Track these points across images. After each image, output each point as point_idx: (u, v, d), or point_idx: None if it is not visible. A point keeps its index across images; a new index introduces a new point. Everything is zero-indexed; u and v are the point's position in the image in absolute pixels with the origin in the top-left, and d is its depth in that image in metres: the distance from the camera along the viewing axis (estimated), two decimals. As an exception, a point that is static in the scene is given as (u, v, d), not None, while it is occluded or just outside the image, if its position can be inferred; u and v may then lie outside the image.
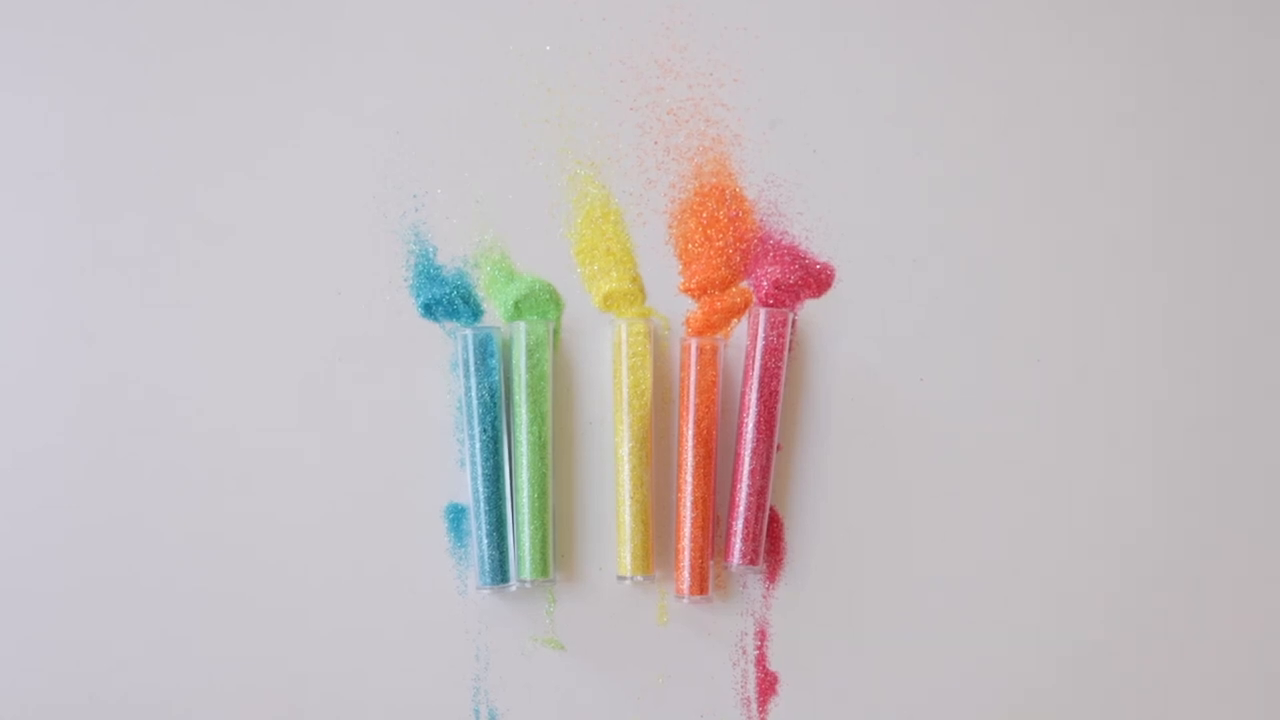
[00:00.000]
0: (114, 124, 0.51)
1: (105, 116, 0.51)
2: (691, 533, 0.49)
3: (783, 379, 0.50)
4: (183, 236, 0.50)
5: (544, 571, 0.49)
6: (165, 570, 0.50)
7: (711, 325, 0.51)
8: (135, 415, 0.50)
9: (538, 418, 0.49)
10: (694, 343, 0.50)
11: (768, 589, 0.50)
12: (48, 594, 0.50)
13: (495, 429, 0.49)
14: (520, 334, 0.50)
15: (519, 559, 0.49)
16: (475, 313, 0.51)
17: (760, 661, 0.50)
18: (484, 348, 0.49)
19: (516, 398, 0.49)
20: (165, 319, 0.50)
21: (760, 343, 0.50)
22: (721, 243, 0.51)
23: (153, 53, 0.51)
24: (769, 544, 0.50)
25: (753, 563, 0.50)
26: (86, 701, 0.49)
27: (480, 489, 0.49)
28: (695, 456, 0.50)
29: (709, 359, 0.50)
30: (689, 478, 0.50)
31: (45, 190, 0.51)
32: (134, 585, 0.50)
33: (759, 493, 0.50)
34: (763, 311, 0.50)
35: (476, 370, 0.49)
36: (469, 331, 0.49)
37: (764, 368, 0.50)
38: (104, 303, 0.50)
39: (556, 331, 0.51)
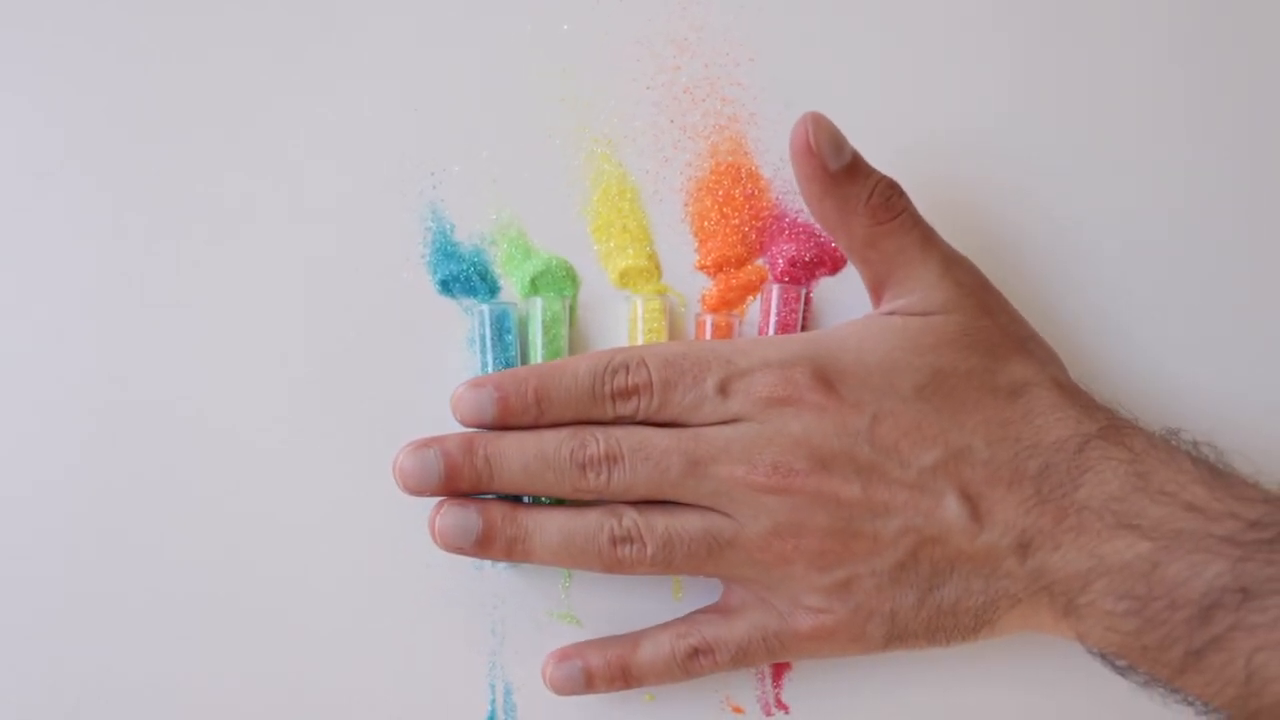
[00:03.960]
0: (127, 102, 0.51)
1: (118, 93, 0.51)
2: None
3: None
4: (199, 215, 0.51)
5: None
6: (183, 552, 0.50)
7: (727, 302, 0.51)
8: (148, 395, 0.50)
9: (554, 393, 0.50)
10: (709, 319, 0.50)
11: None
12: (54, 588, 0.50)
13: (512, 404, 0.50)
14: (537, 310, 0.50)
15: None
16: (492, 289, 0.51)
17: (775, 636, 0.50)
18: (501, 324, 0.50)
19: (533, 373, 0.50)
20: (181, 299, 0.50)
21: (773, 319, 0.50)
22: (737, 220, 0.52)
23: (166, 30, 0.51)
24: (784, 520, 0.51)
25: None
26: (96, 698, 0.50)
27: (497, 464, 0.49)
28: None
29: (724, 335, 0.50)
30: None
31: (65, 174, 0.51)
32: (151, 566, 0.50)
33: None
34: (775, 288, 0.50)
35: (493, 346, 0.49)
36: (485, 307, 0.50)
37: (779, 344, 0.50)
38: (118, 284, 0.50)
39: (573, 308, 0.51)
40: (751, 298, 0.51)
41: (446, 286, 0.51)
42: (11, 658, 0.50)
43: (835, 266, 0.52)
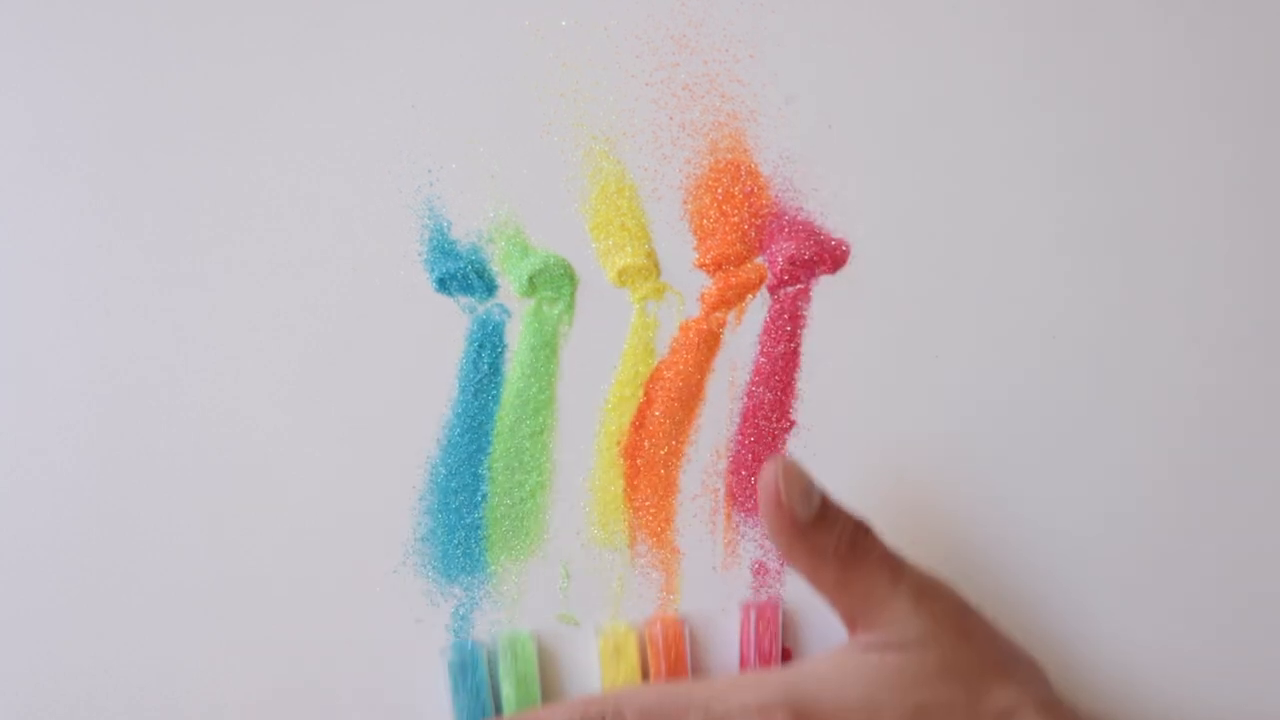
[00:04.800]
0: (126, 102, 0.51)
1: (117, 95, 0.51)
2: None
3: (799, 355, 0.50)
4: (196, 214, 0.51)
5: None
6: (182, 553, 0.50)
7: (726, 300, 0.51)
8: (144, 395, 0.50)
9: (551, 393, 0.50)
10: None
11: (782, 565, 0.50)
12: (54, 588, 0.50)
13: (509, 404, 0.50)
14: (507, 655, 0.49)
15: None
16: (489, 287, 0.51)
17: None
18: (472, 664, 0.49)
19: (530, 372, 0.50)
20: (178, 297, 0.50)
21: (752, 641, 0.50)
22: (736, 218, 0.51)
23: (165, 26, 0.51)
24: (783, 521, 0.50)
25: None
26: (105, 692, 0.50)
27: (494, 464, 0.49)
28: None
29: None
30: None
31: (63, 170, 0.51)
32: (150, 567, 0.50)
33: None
34: (752, 611, 0.50)
35: (464, 686, 0.49)
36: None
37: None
38: (118, 284, 0.50)
39: (570, 308, 0.51)
40: (751, 296, 0.51)
41: (444, 285, 0.51)
42: (12, 657, 0.50)
43: (835, 265, 0.51)
